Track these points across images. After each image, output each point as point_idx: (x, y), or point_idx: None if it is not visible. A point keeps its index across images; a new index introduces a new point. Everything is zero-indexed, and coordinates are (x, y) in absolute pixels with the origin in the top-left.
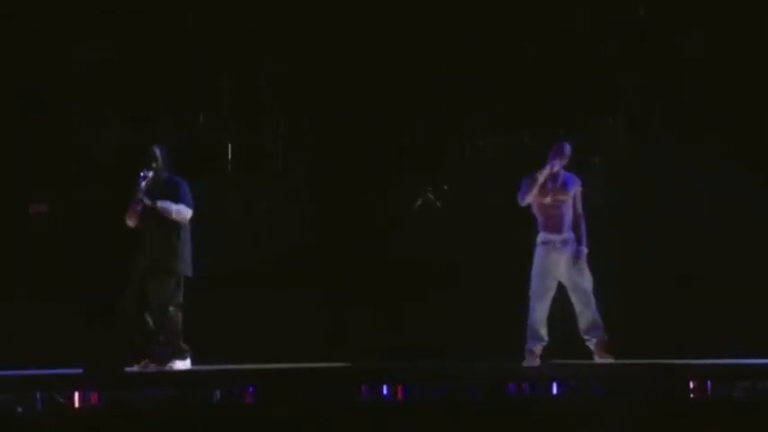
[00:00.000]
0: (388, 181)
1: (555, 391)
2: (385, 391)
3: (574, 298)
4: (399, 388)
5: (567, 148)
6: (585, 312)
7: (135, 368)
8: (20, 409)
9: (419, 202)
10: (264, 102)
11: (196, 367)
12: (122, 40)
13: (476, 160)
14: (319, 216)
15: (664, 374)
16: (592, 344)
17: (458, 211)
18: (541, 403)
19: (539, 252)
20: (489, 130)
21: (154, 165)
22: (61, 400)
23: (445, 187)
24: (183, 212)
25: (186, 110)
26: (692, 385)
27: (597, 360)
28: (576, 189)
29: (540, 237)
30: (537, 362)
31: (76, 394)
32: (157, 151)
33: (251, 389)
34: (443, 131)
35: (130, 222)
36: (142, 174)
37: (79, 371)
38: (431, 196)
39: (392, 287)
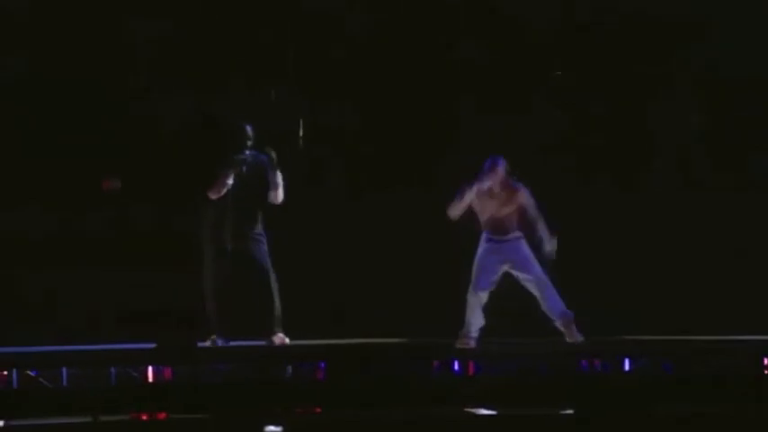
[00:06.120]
0: None
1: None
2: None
3: (531, 287)
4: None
5: (501, 165)
6: (544, 298)
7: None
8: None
9: None
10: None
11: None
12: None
13: None
14: None
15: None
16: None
17: None
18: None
19: (481, 249)
20: None
21: (249, 144)
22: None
23: None
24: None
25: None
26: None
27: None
28: (525, 201)
29: (484, 235)
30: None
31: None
32: (250, 130)
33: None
34: None
35: (215, 195)
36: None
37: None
38: None
39: None
